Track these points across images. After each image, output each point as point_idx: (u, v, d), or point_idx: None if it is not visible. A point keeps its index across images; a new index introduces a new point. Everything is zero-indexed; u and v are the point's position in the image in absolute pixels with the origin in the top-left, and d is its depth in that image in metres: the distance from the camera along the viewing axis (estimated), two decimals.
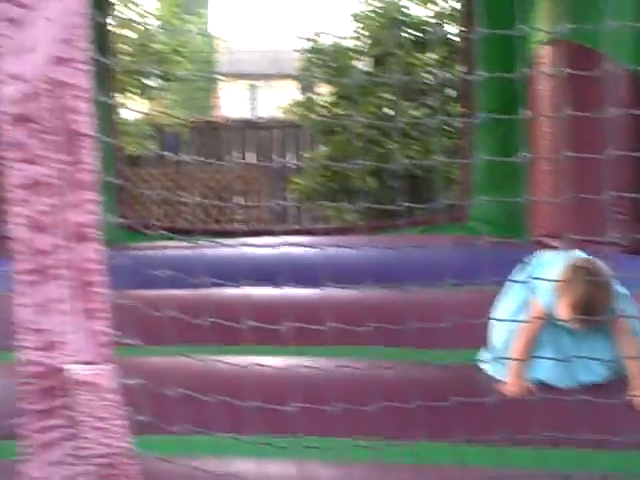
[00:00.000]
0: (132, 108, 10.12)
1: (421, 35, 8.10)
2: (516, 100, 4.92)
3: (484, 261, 2.09)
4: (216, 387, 2.03)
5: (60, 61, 1.57)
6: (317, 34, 8.72)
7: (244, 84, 19.10)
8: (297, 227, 10.04)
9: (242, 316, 2.03)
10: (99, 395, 1.86)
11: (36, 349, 1.82)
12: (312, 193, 9.00)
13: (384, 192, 8.28)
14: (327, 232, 7.45)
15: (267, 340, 2.42)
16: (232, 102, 16.67)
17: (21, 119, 1.65)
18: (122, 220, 3.59)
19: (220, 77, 15.89)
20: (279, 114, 10.83)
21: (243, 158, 10.88)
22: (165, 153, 9.92)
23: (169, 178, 10.38)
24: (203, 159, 9.31)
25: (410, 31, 8.22)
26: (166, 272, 2.09)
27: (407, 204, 2.18)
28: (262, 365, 2.20)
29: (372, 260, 2.70)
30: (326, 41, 8.74)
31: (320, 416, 2.06)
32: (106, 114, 5.81)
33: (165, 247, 4.85)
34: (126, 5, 10.49)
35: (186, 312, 2.07)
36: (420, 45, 8.08)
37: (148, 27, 10.69)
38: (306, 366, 2.43)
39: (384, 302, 3.14)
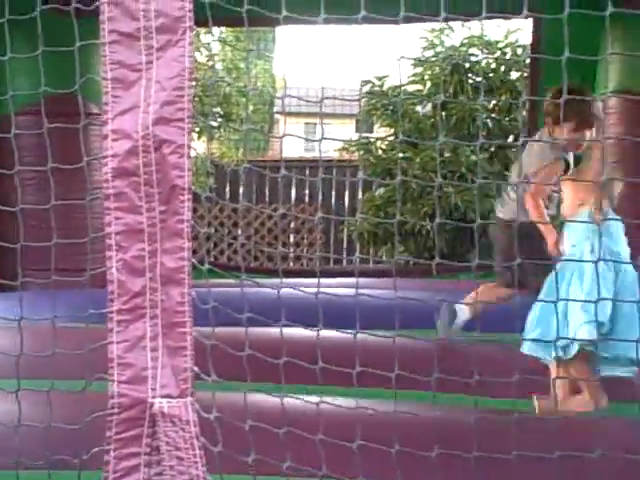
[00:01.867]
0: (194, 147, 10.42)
1: (484, 81, 8.21)
2: None
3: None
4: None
5: (164, 121, 1.72)
6: (379, 77, 8.89)
7: (301, 123, 19.41)
8: (349, 268, 10.12)
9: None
10: (179, 426, 1.99)
11: (124, 382, 1.96)
12: (367, 234, 9.11)
13: (441, 236, 8.35)
14: (382, 274, 7.49)
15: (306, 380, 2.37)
16: (290, 142, 16.97)
17: (122, 172, 1.80)
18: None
19: (278, 116, 16.21)
20: (336, 154, 11.02)
21: (300, 197, 11.07)
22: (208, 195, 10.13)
23: (225, 215, 10.59)
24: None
25: (473, 77, 8.35)
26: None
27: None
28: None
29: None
30: (387, 84, 8.90)
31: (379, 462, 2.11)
32: None
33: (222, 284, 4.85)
34: (197, 49, 10.93)
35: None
36: (483, 91, 8.19)
37: (214, 69, 11.07)
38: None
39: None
